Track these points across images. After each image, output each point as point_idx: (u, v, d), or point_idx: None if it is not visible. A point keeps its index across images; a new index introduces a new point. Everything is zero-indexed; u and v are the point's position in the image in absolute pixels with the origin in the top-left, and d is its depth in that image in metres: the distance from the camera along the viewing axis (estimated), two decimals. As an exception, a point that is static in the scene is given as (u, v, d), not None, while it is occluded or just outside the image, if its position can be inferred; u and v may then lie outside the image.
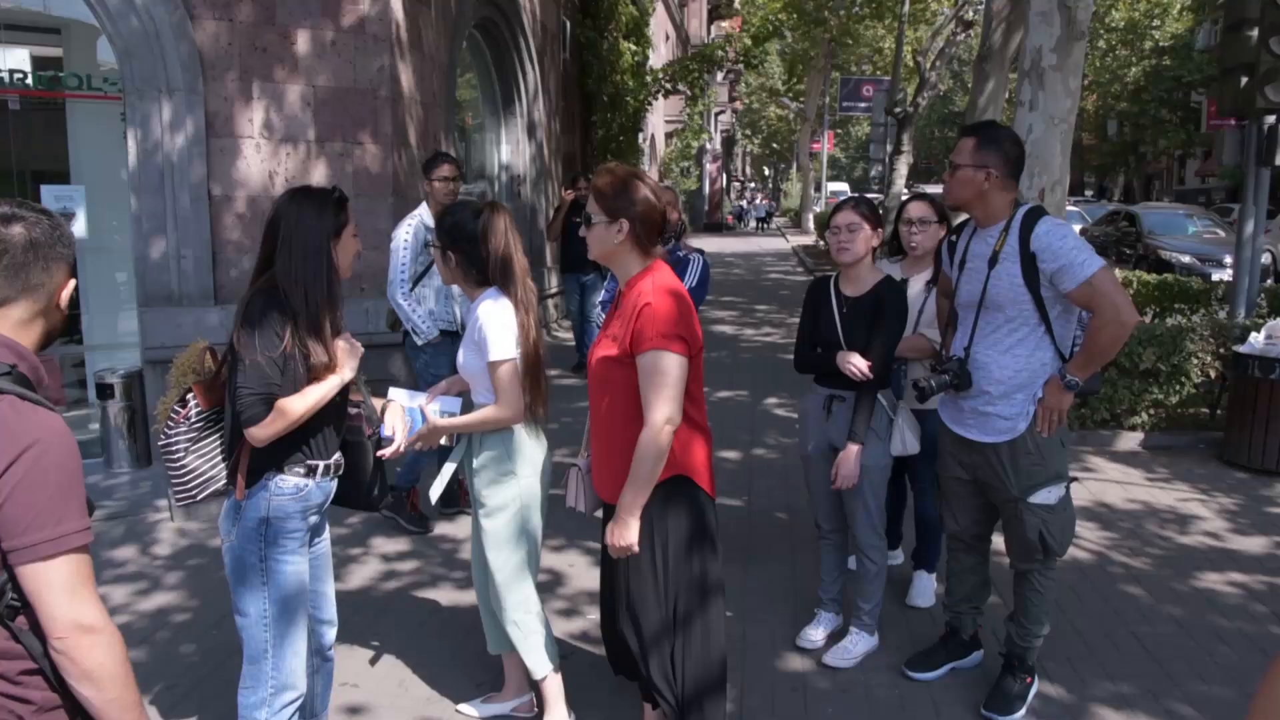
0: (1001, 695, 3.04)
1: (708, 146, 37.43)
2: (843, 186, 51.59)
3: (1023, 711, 3.02)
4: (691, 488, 2.44)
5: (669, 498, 2.40)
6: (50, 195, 5.76)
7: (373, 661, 3.40)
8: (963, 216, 3.05)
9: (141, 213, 5.87)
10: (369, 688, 3.23)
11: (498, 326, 2.65)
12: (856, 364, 3.10)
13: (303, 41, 6.09)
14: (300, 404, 2.28)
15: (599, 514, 2.58)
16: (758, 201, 44.11)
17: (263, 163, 6.09)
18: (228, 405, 2.31)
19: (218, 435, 2.38)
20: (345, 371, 2.38)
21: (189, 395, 2.39)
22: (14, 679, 1.38)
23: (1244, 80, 7.54)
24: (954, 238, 3.06)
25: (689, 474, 2.42)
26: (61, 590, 1.35)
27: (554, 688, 2.86)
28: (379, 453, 2.59)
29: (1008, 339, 2.84)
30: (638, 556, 2.41)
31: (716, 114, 38.61)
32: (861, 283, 3.27)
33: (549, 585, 4.02)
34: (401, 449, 2.69)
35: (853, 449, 3.17)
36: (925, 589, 3.85)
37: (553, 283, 11.09)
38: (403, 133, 6.64)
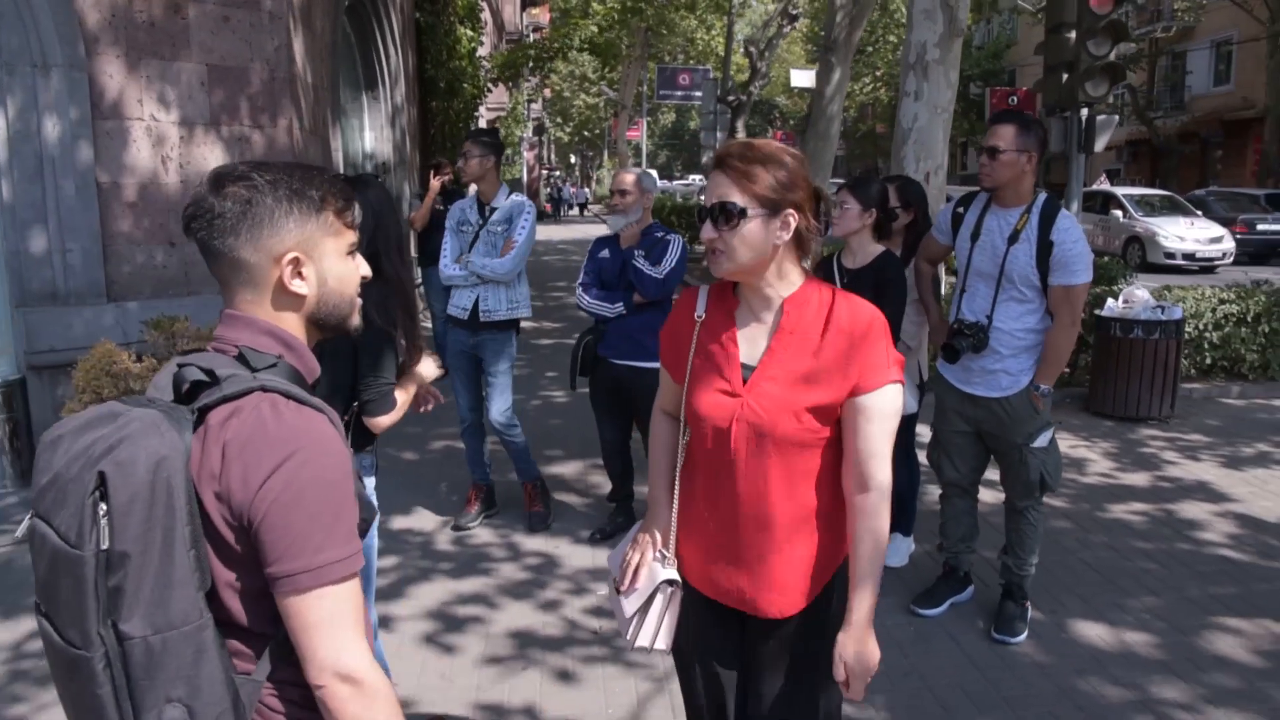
0: (1006, 619, 3.42)
1: (525, 135, 37.37)
2: (651, 173, 52.93)
3: (1026, 632, 3.42)
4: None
5: (840, 589, 1.80)
6: (-96, 183, 5.08)
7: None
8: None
9: (15, 202, 5.28)
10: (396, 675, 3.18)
11: None
12: None
13: (195, 16, 5.67)
14: (405, 396, 2.38)
15: (660, 645, 1.88)
16: (568, 189, 44.68)
17: (154, 147, 5.63)
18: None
19: None
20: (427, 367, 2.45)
21: None
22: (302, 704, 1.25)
23: (1065, 76, 8.49)
24: (960, 209, 3.39)
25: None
26: (318, 630, 1.14)
27: None
28: (423, 409, 2.61)
29: (1019, 308, 3.20)
30: (824, 674, 1.76)
31: (528, 102, 38.57)
32: (860, 256, 3.54)
33: (546, 566, 4.07)
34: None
35: None
36: (899, 550, 4.12)
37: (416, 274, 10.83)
38: (300, 115, 6.33)
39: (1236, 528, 4.45)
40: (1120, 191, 17.93)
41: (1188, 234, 15.93)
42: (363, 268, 1.34)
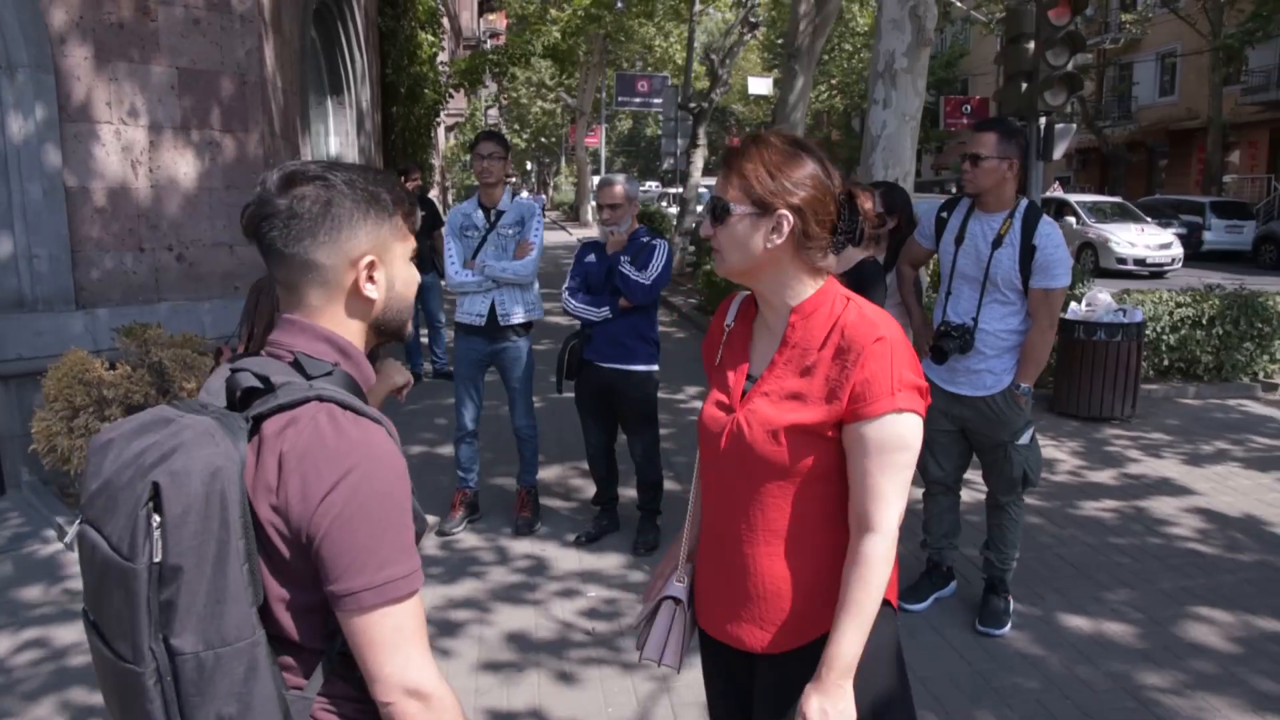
0: (991, 613, 3.51)
1: (482, 141, 37.17)
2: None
3: (1010, 624, 3.51)
4: (887, 613, 1.61)
5: (878, 634, 1.56)
6: None
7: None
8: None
9: (-21, 207, 5.16)
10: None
11: None
12: None
13: (164, 18, 5.59)
14: (375, 400, 2.36)
15: (668, 661, 1.78)
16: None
17: (124, 151, 5.53)
18: None
19: None
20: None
21: None
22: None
23: (1024, 86, 8.72)
24: (945, 214, 3.47)
25: (889, 595, 1.61)
26: (385, 648, 1.12)
27: None
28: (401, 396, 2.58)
29: (1002, 309, 3.29)
30: None
31: (486, 109, 38.51)
32: (843, 261, 3.60)
33: (535, 570, 4.07)
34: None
35: None
36: None
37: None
38: (270, 121, 6.27)
39: (1202, 522, 4.61)
40: (1074, 199, 18.41)
41: (1138, 240, 16.40)
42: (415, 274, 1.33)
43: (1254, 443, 6.00)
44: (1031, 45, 8.60)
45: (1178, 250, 16.68)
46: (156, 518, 1.05)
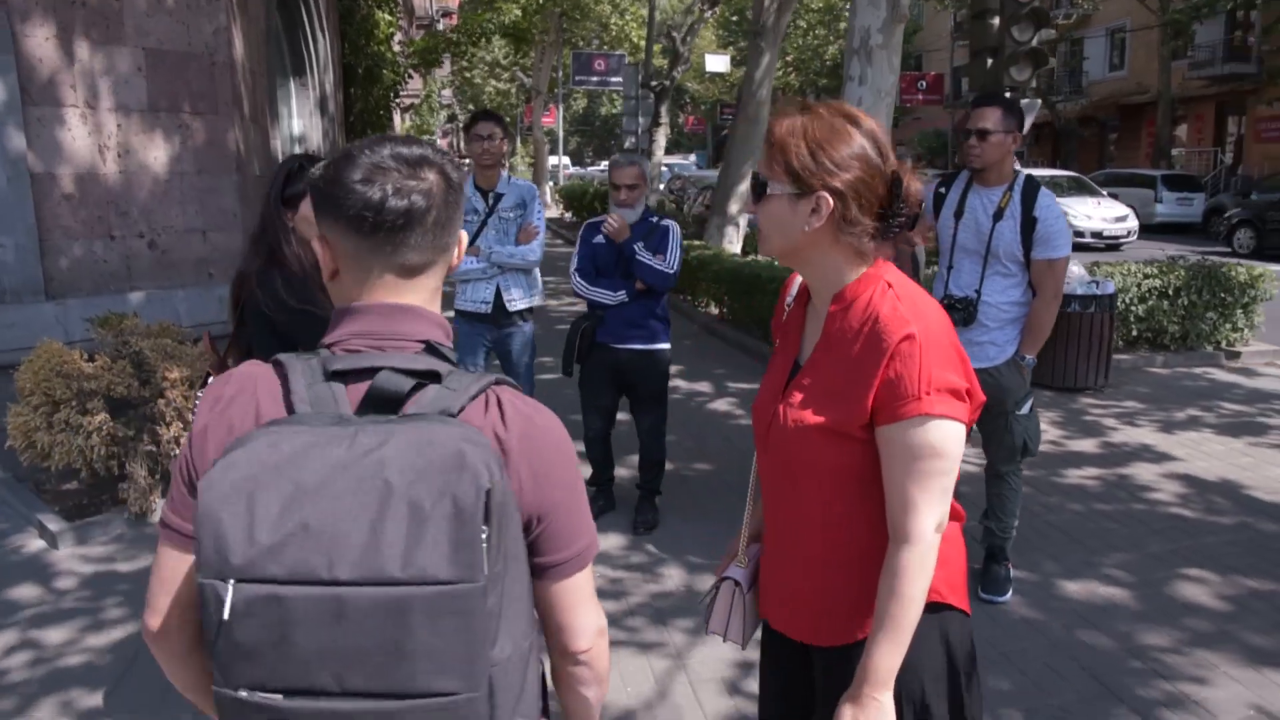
0: (993, 580, 3.58)
1: (438, 124, 36.77)
2: (563, 159, 52.64)
3: (1011, 590, 3.58)
4: (955, 619, 1.56)
5: (925, 641, 1.49)
6: None
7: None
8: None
9: (-59, 195, 4.99)
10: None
11: None
12: None
13: (129, -2, 5.43)
14: None
15: (732, 637, 1.76)
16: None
17: (90, 135, 5.37)
18: None
19: None
20: None
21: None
22: None
23: (989, 61, 8.81)
24: (943, 189, 3.51)
25: (949, 598, 1.54)
26: (588, 598, 1.20)
27: None
28: None
29: (1004, 282, 3.35)
30: None
31: (441, 89, 37.97)
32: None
33: (536, 551, 4.06)
34: None
35: None
36: None
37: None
38: (240, 103, 6.12)
39: (1182, 487, 4.74)
40: (1032, 173, 18.68)
41: (1095, 213, 16.73)
42: None
43: (1223, 409, 6.18)
44: (996, 21, 8.68)
45: (1133, 223, 17.05)
46: (485, 529, 0.98)
